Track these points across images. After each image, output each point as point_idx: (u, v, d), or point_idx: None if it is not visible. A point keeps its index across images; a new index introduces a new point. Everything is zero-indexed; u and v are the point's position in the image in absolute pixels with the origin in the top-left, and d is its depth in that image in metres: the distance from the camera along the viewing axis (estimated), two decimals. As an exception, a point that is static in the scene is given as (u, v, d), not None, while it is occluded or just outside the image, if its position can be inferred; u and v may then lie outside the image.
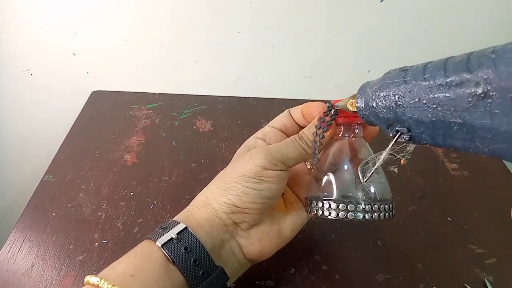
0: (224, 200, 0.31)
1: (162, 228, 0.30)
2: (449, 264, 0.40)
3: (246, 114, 0.62)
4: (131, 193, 0.47)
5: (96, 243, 0.41)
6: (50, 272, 0.38)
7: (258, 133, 0.36)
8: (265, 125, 0.37)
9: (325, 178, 0.31)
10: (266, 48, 0.63)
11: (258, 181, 0.30)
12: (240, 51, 0.63)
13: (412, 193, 0.48)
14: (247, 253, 0.32)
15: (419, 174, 0.51)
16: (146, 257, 0.28)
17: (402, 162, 0.27)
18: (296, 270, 0.39)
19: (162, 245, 0.28)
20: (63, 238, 0.41)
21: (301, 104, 0.36)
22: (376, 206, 0.29)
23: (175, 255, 0.27)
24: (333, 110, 0.31)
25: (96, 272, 0.37)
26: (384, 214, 0.29)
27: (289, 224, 0.34)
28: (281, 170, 0.31)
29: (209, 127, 0.59)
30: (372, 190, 0.30)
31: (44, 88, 0.67)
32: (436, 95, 0.21)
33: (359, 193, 0.30)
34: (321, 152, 0.32)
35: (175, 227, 0.29)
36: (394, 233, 0.43)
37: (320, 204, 0.30)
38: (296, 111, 0.35)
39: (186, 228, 0.29)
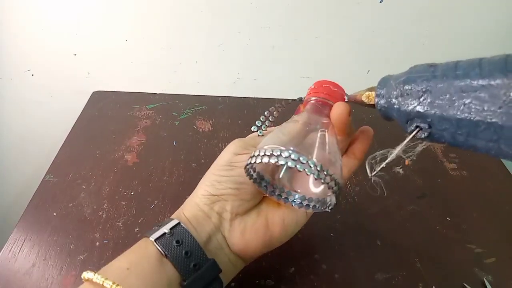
0: (201, 192, 0.32)
1: (157, 226, 0.30)
2: (448, 263, 0.40)
3: (246, 114, 0.62)
4: (132, 193, 0.47)
5: (97, 243, 0.41)
6: (51, 271, 0.38)
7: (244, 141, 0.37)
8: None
9: (276, 137, 0.28)
10: (266, 48, 0.63)
11: (229, 168, 0.31)
12: (240, 51, 0.64)
13: (411, 193, 0.49)
14: (231, 245, 0.31)
15: (418, 174, 0.51)
16: (141, 252, 0.29)
17: (406, 162, 0.26)
18: (296, 269, 0.39)
19: (155, 240, 0.29)
20: (64, 237, 0.41)
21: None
22: (324, 172, 0.26)
23: (167, 248, 0.28)
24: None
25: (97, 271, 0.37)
26: (328, 184, 0.26)
27: (279, 219, 0.32)
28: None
29: (209, 127, 0.59)
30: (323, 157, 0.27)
31: (45, 88, 0.67)
32: (467, 93, 0.20)
33: (310, 153, 0.27)
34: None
35: (168, 223, 0.30)
36: (393, 233, 0.43)
37: (267, 151, 0.26)
38: None
39: (179, 223, 0.30)
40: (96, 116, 0.61)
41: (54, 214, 0.44)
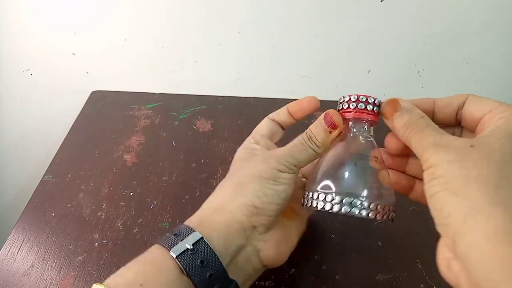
0: (243, 201, 0.30)
1: (175, 235, 0.28)
2: (449, 264, 0.40)
3: (246, 114, 0.62)
4: (131, 193, 0.47)
5: (96, 243, 0.40)
6: (50, 272, 0.38)
7: (253, 140, 0.35)
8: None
9: (327, 173, 0.31)
10: (266, 48, 0.63)
11: (274, 183, 0.30)
12: (240, 51, 0.63)
13: (412, 193, 0.48)
14: (264, 257, 0.31)
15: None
16: (158, 266, 0.27)
17: None
18: (296, 270, 0.38)
19: (177, 256, 0.27)
20: (63, 238, 0.41)
21: None
22: (378, 205, 0.29)
23: (190, 268, 0.26)
24: (345, 104, 0.31)
25: (96, 272, 0.37)
26: (383, 215, 0.29)
27: (295, 230, 0.34)
28: (294, 173, 0.31)
29: (209, 127, 0.59)
30: (375, 191, 0.30)
31: (44, 88, 0.67)
32: None
33: (362, 191, 0.29)
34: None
35: (190, 236, 0.28)
36: (394, 233, 0.43)
37: (321, 197, 0.29)
38: (280, 116, 0.36)
39: (202, 238, 0.28)
40: (95, 116, 0.61)
41: (53, 214, 0.44)
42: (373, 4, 0.58)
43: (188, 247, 0.27)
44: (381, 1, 0.58)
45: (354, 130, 0.32)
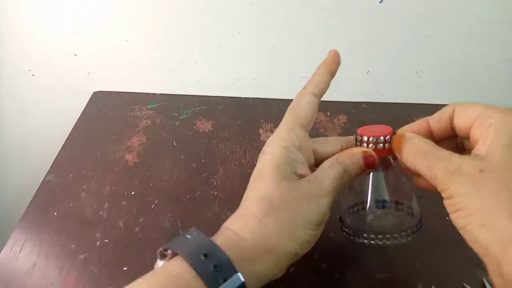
0: (290, 250, 0.30)
1: (215, 267, 0.27)
2: (448, 263, 0.40)
3: (246, 114, 0.62)
4: (132, 193, 0.47)
5: (98, 243, 0.41)
6: (52, 271, 0.38)
7: (295, 141, 0.33)
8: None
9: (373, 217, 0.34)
10: (266, 48, 0.63)
11: (319, 228, 0.31)
12: (240, 51, 0.64)
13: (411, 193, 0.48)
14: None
15: (418, 174, 0.51)
16: None
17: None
18: (296, 269, 0.39)
19: None
20: (65, 237, 0.41)
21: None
22: (414, 233, 0.34)
23: None
24: (381, 139, 0.32)
25: (98, 271, 0.38)
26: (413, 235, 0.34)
27: None
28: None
29: (209, 127, 0.59)
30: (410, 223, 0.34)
31: (46, 88, 0.67)
32: None
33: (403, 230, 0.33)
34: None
35: (232, 279, 0.27)
36: (393, 233, 0.43)
37: (370, 238, 0.34)
38: (322, 85, 0.37)
39: (243, 284, 0.27)
40: (97, 116, 0.61)
41: (55, 214, 0.44)
42: (372, 4, 0.59)
43: None
44: (380, 2, 0.58)
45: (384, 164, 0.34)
